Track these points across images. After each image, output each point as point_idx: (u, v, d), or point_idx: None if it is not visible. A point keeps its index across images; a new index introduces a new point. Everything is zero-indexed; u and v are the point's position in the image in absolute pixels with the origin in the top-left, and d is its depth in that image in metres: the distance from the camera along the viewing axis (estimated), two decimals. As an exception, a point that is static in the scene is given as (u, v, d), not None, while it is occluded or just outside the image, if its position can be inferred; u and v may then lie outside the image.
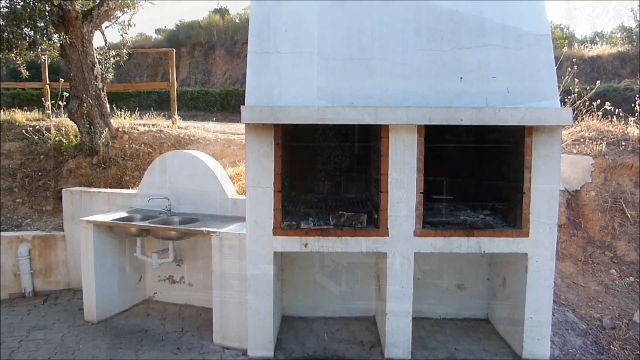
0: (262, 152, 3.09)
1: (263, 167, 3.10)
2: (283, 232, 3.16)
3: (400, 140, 3.08)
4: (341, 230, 3.16)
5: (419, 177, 3.11)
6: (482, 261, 3.96)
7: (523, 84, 3.11)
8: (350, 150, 3.98)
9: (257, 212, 3.15)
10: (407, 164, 3.10)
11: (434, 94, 3.09)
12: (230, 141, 6.35)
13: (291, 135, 3.56)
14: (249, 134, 3.09)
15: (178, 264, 4.44)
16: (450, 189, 3.95)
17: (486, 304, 3.98)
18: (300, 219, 3.28)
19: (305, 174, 4.05)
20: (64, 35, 5.40)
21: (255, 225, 3.16)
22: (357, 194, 4.05)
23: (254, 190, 3.13)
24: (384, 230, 3.16)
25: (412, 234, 3.16)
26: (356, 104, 3.05)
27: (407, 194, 3.12)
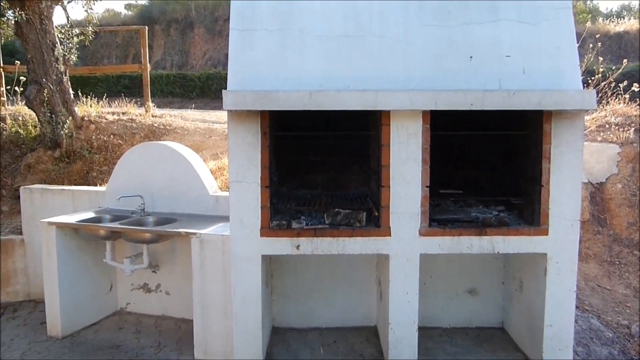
0: (247, 142, 3.09)
1: (248, 160, 3.10)
2: (272, 232, 3.15)
3: (403, 128, 3.09)
4: (337, 230, 3.16)
5: (425, 169, 3.11)
6: (496, 263, 3.98)
7: (541, 64, 3.12)
8: (347, 140, 3.97)
9: (242, 211, 3.14)
10: (411, 154, 3.10)
11: (441, 76, 3.09)
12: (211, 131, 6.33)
13: (280, 124, 3.56)
14: (233, 122, 3.08)
15: (154, 271, 4.45)
16: (460, 182, 3.96)
17: (501, 311, 4.01)
18: (291, 218, 3.27)
19: (297, 167, 4.05)
20: (19, 11, 5.35)
21: (241, 225, 3.16)
22: (355, 189, 4.06)
23: (239, 186, 3.12)
24: (386, 229, 3.17)
25: (418, 233, 3.17)
26: (353, 87, 3.05)
27: (411, 188, 3.13)
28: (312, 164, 4.09)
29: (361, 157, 4.02)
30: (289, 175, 4.05)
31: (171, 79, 14.42)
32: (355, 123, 3.80)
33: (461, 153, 3.97)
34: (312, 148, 4.08)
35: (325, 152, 4.07)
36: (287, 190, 4.02)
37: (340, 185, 4.10)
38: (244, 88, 3.04)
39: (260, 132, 3.09)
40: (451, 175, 3.97)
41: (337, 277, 4.01)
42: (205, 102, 13.11)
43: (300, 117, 3.34)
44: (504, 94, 2.93)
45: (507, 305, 3.94)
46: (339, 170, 4.09)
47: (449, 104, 2.95)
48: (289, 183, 4.08)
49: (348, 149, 4.05)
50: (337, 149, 4.06)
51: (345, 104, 2.93)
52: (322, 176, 4.11)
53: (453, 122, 3.24)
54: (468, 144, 3.92)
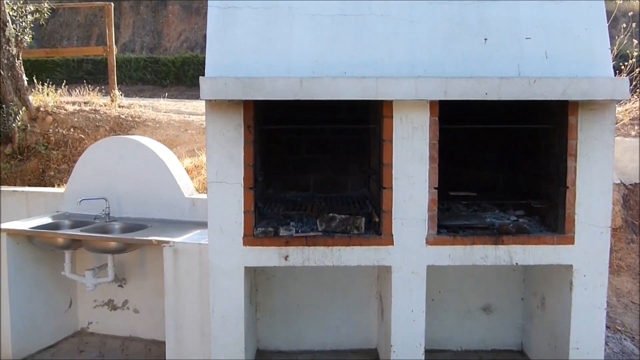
0: (229, 137, 3.09)
1: (230, 157, 3.10)
2: (256, 241, 3.15)
3: (408, 121, 3.09)
4: (332, 238, 3.17)
5: (433, 169, 3.12)
6: (514, 276, 3.99)
7: (566, 47, 3.13)
8: (343, 135, 4.00)
9: (223, 216, 3.14)
10: (417, 151, 3.11)
11: (451, 61, 3.08)
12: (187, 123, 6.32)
13: (266, 116, 3.52)
14: (212, 114, 3.08)
15: (120, 285, 4.43)
16: (473, 183, 3.96)
17: (520, 331, 4.02)
18: (279, 224, 3.27)
19: (285, 166, 4.06)
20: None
21: (220, 232, 3.17)
22: (353, 190, 4.07)
23: (219, 187, 3.12)
24: (388, 237, 3.17)
25: (424, 241, 3.18)
26: (350, 73, 3.05)
27: (417, 190, 3.13)
28: (303, 162, 4.09)
29: (360, 154, 4.02)
30: (277, 175, 4.04)
31: (141, 63, 14.38)
32: (352, 115, 3.83)
33: (474, 150, 3.98)
34: (303, 144, 4.08)
35: (319, 148, 4.07)
36: (275, 193, 4.02)
37: (335, 186, 4.10)
38: (224, 74, 3.03)
39: (243, 126, 3.08)
40: (463, 176, 3.98)
41: (331, 293, 4.01)
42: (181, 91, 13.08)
43: (290, 109, 3.36)
44: (523, 81, 2.93)
45: (527, 324, 3.95)
46: (334, 169, 4.10)
47: (461, 93, 2.95)
48: (277, 184, 4.07)
49: (344, 145, 4.05)
50: (332, 146, 4.06)
51: (341, 93, 2.93)
52: (314, 176, 4.12)
53: (463, 114, 3.26)
54: (482, 140, 3.92)
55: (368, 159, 3.89)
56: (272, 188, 4.04)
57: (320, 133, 4.04)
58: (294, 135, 4.02)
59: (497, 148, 3.96)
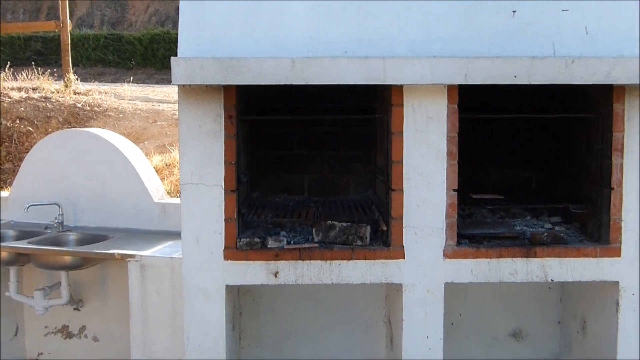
0: (206, 130, 3.09)
1: (208, 154, 3.10)
2: (240, 254, 3.14)
3: (422, 110, 3.08)
4: (331, 251, 3.16)
5: (451, 167, 3.11)
6: (549, 295, 3.98)
7: (610, 21, 3.10)
8: (344, 127, 4.01)
9: (199, 224, 3.13)
10: (433, 145, 3.10)
11: (473, 37, 3.08)
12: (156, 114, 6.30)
13: (252, 104, 3.51)
14: (186, 102, 3.07)
15: (76, 308, 4.41)
16: (499, 183, 3.94)
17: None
18: (267, 234, 3.26)
19: (275, 165, 4.06)
20: None
21: (197, 244, 3.15)
22: (356, 193, 4.07)
23: (194, 190, 3.12)
24: (398, 249, 3.16)
25: (442, 254, 3.16)
26: (352, 53, 3.04)
27: (432, 192, 3.13)
28: (296, 159, 4.08)
29: (364, 150, 4.02)
30: (264, 175, 4.04)
31: (101, 41, 14.36)
32: (355, 103, 3.81)
33: (500, 145, 3.96)
34: (295, 138, 4.07)
35: (314, 143, 4.06)
36: (261, 196, 4.01)
37: (334, 188, 4.09)
38: (201, 54, 3.01)
39: (223, 116, 3.07)
40: (487, 175, 3.98)
41: (330, 317, 4.00)
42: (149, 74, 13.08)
43: (281, 96, 3.35)
44: (559, 62, 2.92)
45: (565, 352, 3.93)
46: (333, 168, 4.09)
47: (485, 77, 2.93)
48: (264, 186, 4.06)
49: (345, 140, 4.05)
50: (330, 140, 4.06)
51: (341, 77, 2.92)
52: (309, 177, 4.10)
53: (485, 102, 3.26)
54: (509, 133, 3.91)
55: (374, 156, 3.90)
56: (259, 191, 4.03)
57: (317, 125, 4.02)
58: (285, 128, 4.01)
59: (528, 143, 3.96)
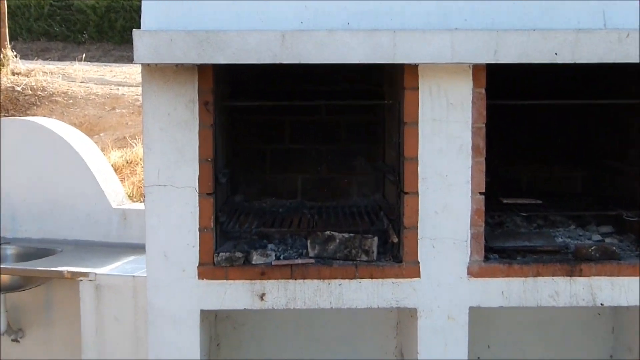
0: (177, 119, 3.05)
1: (178, 149, 3.06)
2: (218, 272, 3.11)
3: (441, 94, 3.05)
4: (330, 268, 3.12)
5: (477, 164, 3.08)
6: (599, 323, 3.95)
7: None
8: (345, 116, 4.01)
9: (168, 235, 3.10)
10: (455, 138, 3.07)
11: (504, 5, 3.05)
12: (115, 99, 6.29)
13: (233, 88, 3.52)
14: (151, 85, 3.03)
15: (15, 339, 4.34)
16: (536, 185, 3.95)
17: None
18: (252, 247, 3.24)
19: (261, 162, 4.07)
20: None
21: (165, 259, 3.11)
22: (360, 197, 4.07)
23: (162, 194, 3.08)
24: (412, 265, 3.12)
25: (466, 272, 3.13)
26: (356, 24, 3.00)
27: (454, 195, 3.10)
28: (288, 155, 4.07)
29: (369, 143, 4.02)
30: (249, 174, 4.03)
31: (45, 9, 14.34)
32: (359, 87, 3.80)
33: (536, 137, 3.95)
34: (286, 129, 4.07)
35: (310, 135, 4.06)
36: (245, 201, 3.99)
37: (334, 191, 4.09)
38: (170, 26, 2.96)
39: (198, 102, 3.03)
40: (520, 175, 3.98)
41: (329, 349, 3.97)
42: (106, 50, 13.05)
43: (268, 77, 3.35)
44: (611, 35, 2.88)
45: (618, 393, 3.93)
46: (333, 165, 4.08)
47: (519, 54, 2.90)
48: (248, 188, 4.05)
49: (347, 131, 4.05)
50: (328, 131, 4.05)
51: (342, 55, 2.88)
52: (303, 176, 4.09)
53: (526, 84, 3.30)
54: (547, 123, 3.91)
55: (382, 151, 3.91)
56: (241, 194, 4.02)
57: (312, 112, 4.00)
58: (273, 116, 3.99)
59: (572, 135, 3.96)
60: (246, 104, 3.67)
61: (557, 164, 3.99)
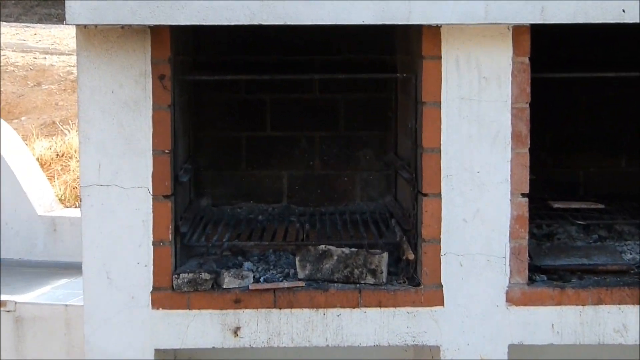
0: (123, 98, 3.05)
1: (125, 138, 3.07)
2: (178, 299, 3.11)
3: (471, 66, 3.06)
4: (325, 293, 3.13)
5: (519, 158, 3.10)
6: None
7: None
8: (345, 93, 4.01)
9: (111, 251, 3.10)
10: (489, 123, 3.09)
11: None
12: (41, 72, 6.35)
13: (198, 58, 3.55)
14: (89, 53, 3.03)
15: None
16: (597, 185, 3.96)
17: None
18: (223, 266, 3.26)
19: (235, 154, 4.12)
20: None
21: (107, 283, 3.11)
22: (365, 200, 4.13)
23: (103, 196, 3.08)
24: (433, 290, 3.12)
25: (504, 298, 3.13)
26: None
27: (488, 198, 3.11)
28: (270, 145, 4.10)
29: (377, 129, 4.03)
30: (219, 171, 4.06)
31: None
32: (364, 56, 3.82)
33: (594, 122, 3.95)
34: (268, 111, 4.06)
35: (300, 119, 4.07)
36: (213, 206, 4.02)
37: (331, 192, 4.11)
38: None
39: (151, 76, 3.03)
40: (575, 171, 3.97)
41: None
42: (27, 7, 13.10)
43: (244, 44, 3.36)
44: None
45: None
46: (329, 159, 4.09)
47: (574, 12, 2.90)
48: (218, 188, 4.07)
49: (349, 113, 4.06)
50: (324, 113, 4.05)
51: (339, 14, 2.90)
52: (291, 173, 4.11)
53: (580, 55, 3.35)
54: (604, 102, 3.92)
55: (393, 140, 3.95)
56: (209, 196, 4.03)
57: (303, 89, 4.00)
58: (250, 95, 4.00)
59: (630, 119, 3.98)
60: (214, 79, 3.67)
61: (623, 155, 3.99)
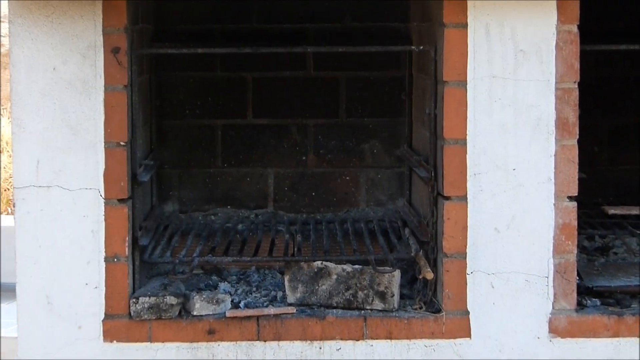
0: (67, 77, 3.09)
1: (70, 127, 3.11)
2: (137, 329, 3.14)
3: (504, 36, 3.12)
4: (322, 321, 3.17)
5: (566, 151, 3.15)
6: None
7: None
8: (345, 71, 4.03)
9: (52, 269, 3.13)
10: (527, 108, 3.14)
11: None
12: None
13: (162, 27, 3.60)
14: (24, 21, 3.08)
15: None
16: None
17: None
18: (193, 288, 3.31)
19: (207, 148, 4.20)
20: None
21: (47, 309, 3.14)
22: (372, 204, 4.19)
23: (43, 200, 3.12)
24: (458, 318, 3.18)
25: (546, 327, 3.16)
26: None
27: (526, 202, 3.17)
28: (252, 136, 4.11)
29: (386, 116, 4.05)
30: (187, 169, 4.06)
31: None
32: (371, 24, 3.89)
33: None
34: (250, 94, 4.07)
35: (289, 104, 4.07)
36: (181, 212, 4.05)
37: (328, 195, 4.13)
38: None
39: (102, 50, 3.07)
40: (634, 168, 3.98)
41: None
42: None
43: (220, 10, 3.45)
44: None
45: None
46: (327, 152, 4.12)
47: None
48: (187, 191, 4.09)
49: (351, 97, 4.07)
50: (321, 97, 4.06)
51: None
52: (278, 171, 4.14)
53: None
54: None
55: (406, 128, 4.03)
56: (176, 201, 4.05)
57: (292, 66, 4.04)
58: (228, 73, 4.03)
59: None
60: (182, 52, 3.66)
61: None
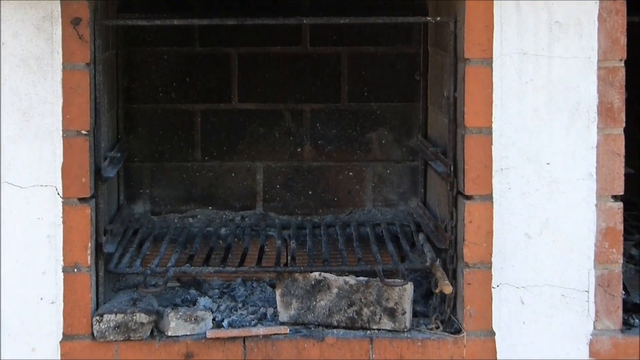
0: (19, 54, 3.18)
1: (22, 112, 3.18)
2: (100, 351, 3.19)
3: (537, 5, 3.16)
4: (320, 343, 3.22)
5: (610, 142, 3.18)
6: None
7: None
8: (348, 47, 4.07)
9: (3, 282, 3.16)
10: (564, 91, 3.17)
11: None
12: None
13: None
14: None
15: None
16: None
17: None
18: (167, 303, 3.40)
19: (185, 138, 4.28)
20: None
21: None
22: (379, 204, 4.24)
23: None
24: (481, 339, 3.22)
25: (587, 350, 3.21)
26: None
27: (562, 202, 3.21)
28: (237, 124, 4.15)
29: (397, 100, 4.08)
30: (161, 163, 4.06)
31: None
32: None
33: None
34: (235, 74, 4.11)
35: (281, 86, 4.09)
36: (154, 214, 4.06)
37: (328, 193, 4.17)
38: None
39: (60, 21, 3.13)
40: None
41: None
42: None
43: None
44: None
45: None
46: (325, 143, 4.15)
47: None
48: (160, 189, 4.10)
49: (354, 78, 4.10)
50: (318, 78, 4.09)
51: None
52: (268, 165, 4.17)
53: None
54: None
55: (421, 116, 4.04)
56: (146, 200, 4.07)
57: (285, 41, 4.08)
58: (209, 48, 4.06)
59: None
60: (155, 24, 3.69)
61: None
